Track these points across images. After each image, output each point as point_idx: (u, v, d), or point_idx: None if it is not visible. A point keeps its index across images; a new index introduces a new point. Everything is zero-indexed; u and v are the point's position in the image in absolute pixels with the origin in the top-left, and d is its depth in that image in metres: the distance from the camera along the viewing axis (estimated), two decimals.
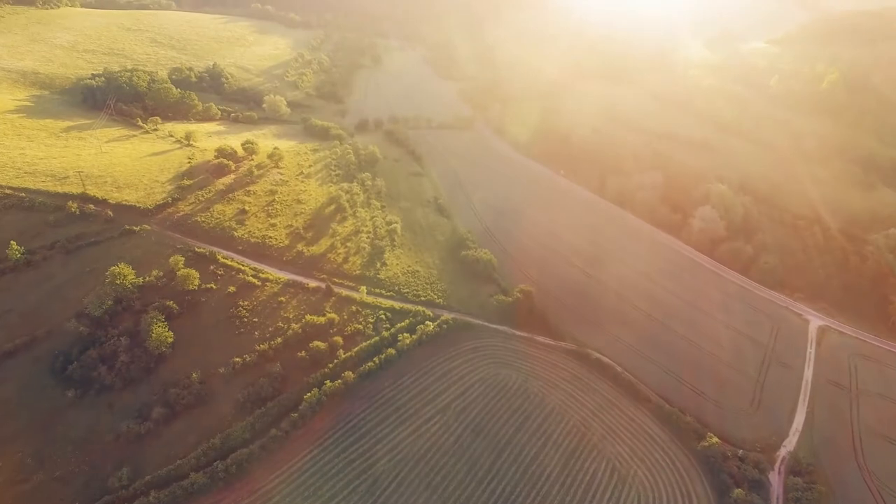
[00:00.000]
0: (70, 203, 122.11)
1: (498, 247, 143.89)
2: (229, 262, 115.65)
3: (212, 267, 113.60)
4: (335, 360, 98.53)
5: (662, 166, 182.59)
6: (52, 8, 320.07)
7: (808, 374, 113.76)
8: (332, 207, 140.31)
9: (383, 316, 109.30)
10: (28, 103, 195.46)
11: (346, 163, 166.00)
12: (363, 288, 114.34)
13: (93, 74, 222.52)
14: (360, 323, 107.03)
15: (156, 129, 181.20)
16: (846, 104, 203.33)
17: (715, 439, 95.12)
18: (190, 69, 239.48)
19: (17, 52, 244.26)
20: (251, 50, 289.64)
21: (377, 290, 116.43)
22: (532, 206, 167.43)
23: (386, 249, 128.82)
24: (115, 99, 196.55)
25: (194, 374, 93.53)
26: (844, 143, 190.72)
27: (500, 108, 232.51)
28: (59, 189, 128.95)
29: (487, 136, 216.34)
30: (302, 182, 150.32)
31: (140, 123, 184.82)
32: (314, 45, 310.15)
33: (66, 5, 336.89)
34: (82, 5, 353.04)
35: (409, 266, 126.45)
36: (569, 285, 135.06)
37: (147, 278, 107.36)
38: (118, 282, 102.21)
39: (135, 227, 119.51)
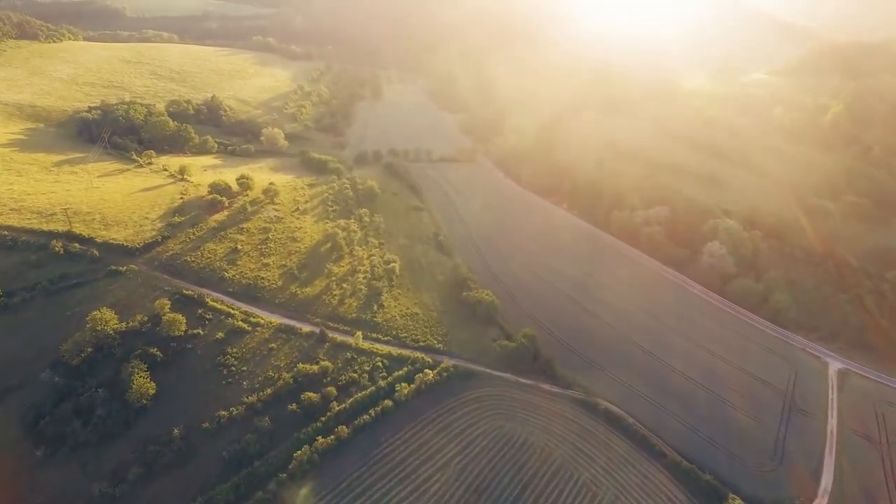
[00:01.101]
0: (54, 242, 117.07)
1: (500, 285, 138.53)
2: (219, 306, 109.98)
3: (200, 311, 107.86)
4: (328, 414, 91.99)
5: (667, 200, 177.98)
6: (54, 42, 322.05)
7: (833, 423, 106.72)
8: (328, 246, 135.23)
9: (380, 363, 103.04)
10: (22, 137, 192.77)
11: (344, 198, 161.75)
12: (359, 333, 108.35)
13: (89, 107, 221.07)
14: (356, 371, 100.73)
15: (150, 163, 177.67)
16: (852, 136, 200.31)
17: (738, 501, 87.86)
18: (188, 102, 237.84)
19: (16, 85, 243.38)
20: (251, 82, 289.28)
21: (374, 335, 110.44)
22: (534, 241, 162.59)
23: (383, 290, 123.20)
24: (111, 132, 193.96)
25: (176, 430, 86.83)
26: (853, 175, 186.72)
27: (501, 140, 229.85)
28: (45, 227, 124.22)
29: (488, 168, 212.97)
30: (297, 218, 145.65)
31: (134, 157, 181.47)
32: (314, 77, 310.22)
33: (69, 39, 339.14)
34: (85, 39, 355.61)
35: (408, 308, 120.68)
36: (573, 325, 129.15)
37: (130, 323, 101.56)
38: (99, 328, 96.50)
39: (121, 268, 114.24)
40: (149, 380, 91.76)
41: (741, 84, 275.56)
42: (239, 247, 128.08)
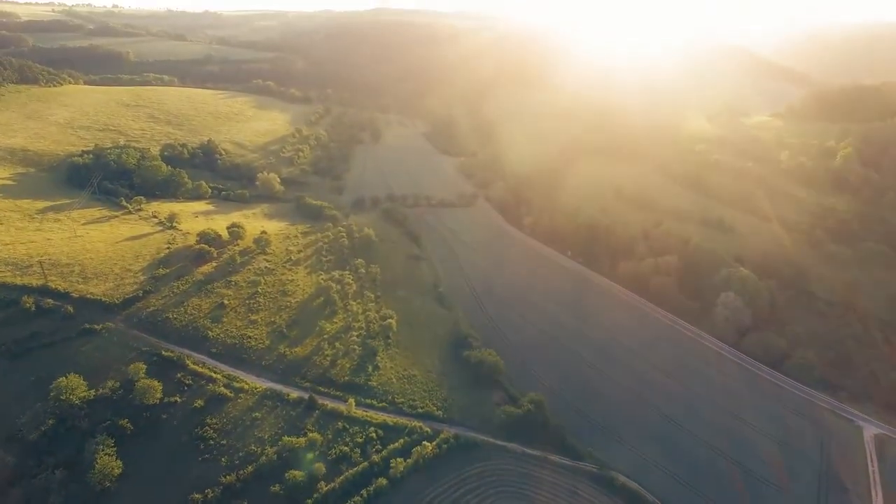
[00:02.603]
0: (25, 298, 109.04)
1: (503, 341, 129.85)
2: (199, 369, 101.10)
3: (179, 375, 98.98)
4: (314, 496, 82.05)
5: (676, 248, 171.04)
6: (55, 86, 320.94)
7: (878, 503, 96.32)
8: (321, 300, 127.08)
9: (374, 434, 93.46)
10: (10, 182, 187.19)
11: (339, 247, 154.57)
12: (351, 399, 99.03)
13: (82, 151, 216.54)
14: (347, 444, 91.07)
15: (139, 210, 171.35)
16: (863, 180, 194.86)
17: None
18: (183, 145, 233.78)
19: (10, 129, 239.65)
20: (248, 125, 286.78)
21: (368, 401, 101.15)
22: (538, 292, 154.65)
23: (379, 350, 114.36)
24: (101, 177, 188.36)
25: None
26: (867, 221, 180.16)
27: (502, 185, 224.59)
28: (19, 280, 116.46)
29: (489, 214, 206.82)
30: (289, 270, 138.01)
31: (124, 203, 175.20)
32: (313, 121, 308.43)
33: (70, 83, 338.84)
34: (86, 83, 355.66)
35: (405, 369, 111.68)
36: (583, 386, 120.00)
37: (101, 391, 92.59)
38: (63, 397, 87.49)
39: (96, 326, 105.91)
40: (115, 457, 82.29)
41: (744, 127, 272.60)
42: (225, 302, 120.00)
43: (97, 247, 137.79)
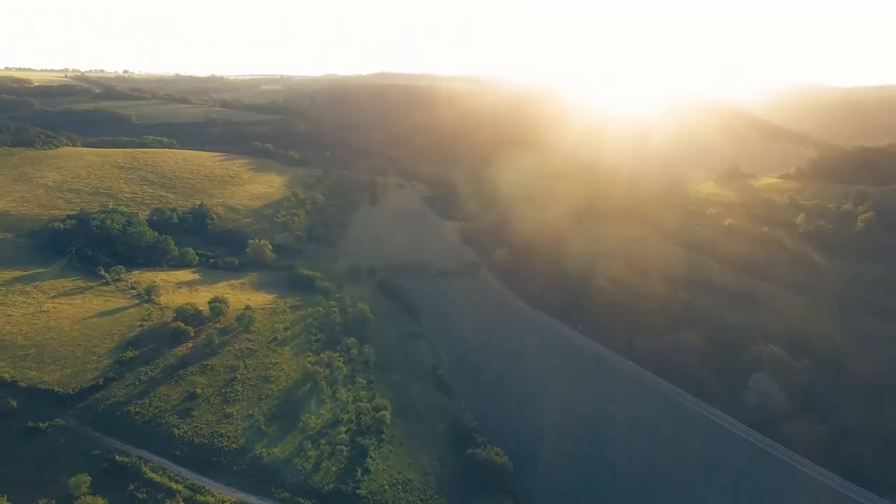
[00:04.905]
0: None
1: (511, 434, 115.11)
2: (158, 478, 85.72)
3: (133, 486, 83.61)
4: None
5: (697, 322, 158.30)
6: (50, 149, 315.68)
7: None
8: (307, 387, 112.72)
9: None
10: None
11: (331, 324, 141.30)
12: None
13: (66, 216, 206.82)
14: None
15: (118, 280, 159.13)
16: (889, 245, 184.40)
17: None
18: (173, 210, 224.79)
19: None
20: (244, 188, 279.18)
21: None
22: (549, 374, 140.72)
23: (370, 448, 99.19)
24: (80, 244, 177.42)
25: None
26: None
27: (505, 252, 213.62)
28: None
29: (492, 284, 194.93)
30: (273, 351, 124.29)
31: (102, 273, 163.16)
32: (310, 183, 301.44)
33: (67, 145, 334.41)
34: (84, 145, 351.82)
35: (400, 472, 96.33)
36: (604, 491, 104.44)
37: None
38: None
39: (41, 424, 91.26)
40: None
41: (754, 189, 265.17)
42: (198, 391, 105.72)
43: (62, 324, 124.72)
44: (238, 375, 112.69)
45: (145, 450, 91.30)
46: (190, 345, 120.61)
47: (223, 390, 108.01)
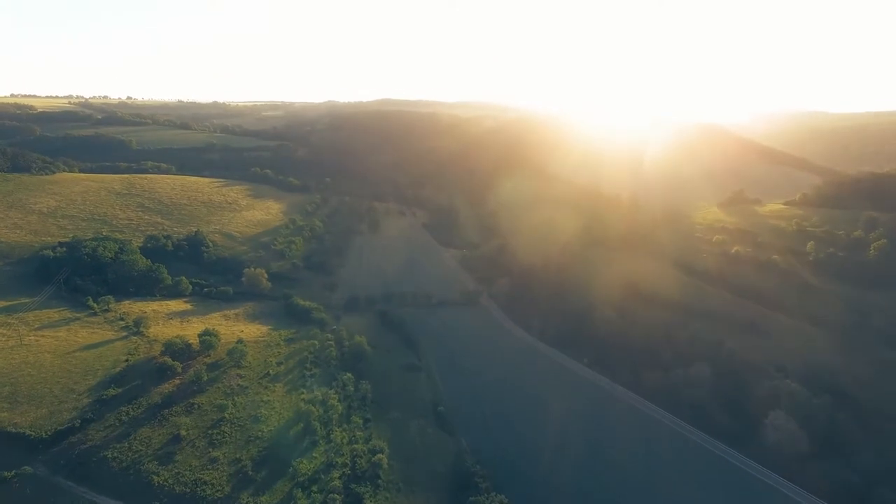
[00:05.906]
0: None
1: (516, 479, 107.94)
2: None
3: None
4: None
5: (707, 355, 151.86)
6: (47, 174, 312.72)
7: None
8: (299, 428, 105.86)
9: None
10: None
11: (326, 358, 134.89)
12: None
13: (57, 243, 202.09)
14: None
15: (106, 311, 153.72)
16: None
17: None
18: (168, 237, 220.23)
19: None
20: (241, 215, 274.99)
21: None
22: (554, 410, 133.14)
23: (366, 496, 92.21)
24: (69, 272, 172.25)
25: None
26: None
27: (507, 281, 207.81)
28: None
29: (494, 314, 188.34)
30: (265, 388, 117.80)
31: (90, 303, 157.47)
32: (309, 210, 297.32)
33: (64, 171, 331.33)
34: (82, 171, 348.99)
35: None
36: None
37: None
38: None
39: (6, 473, 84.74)
40: None
41: (760, 216, 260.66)
42: (182, 433, 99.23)
43: (43, 359, 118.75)
44: (226, 415, 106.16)
45: (120, 502, 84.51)
46: (177, 381, 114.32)
47: (209, 432, 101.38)
